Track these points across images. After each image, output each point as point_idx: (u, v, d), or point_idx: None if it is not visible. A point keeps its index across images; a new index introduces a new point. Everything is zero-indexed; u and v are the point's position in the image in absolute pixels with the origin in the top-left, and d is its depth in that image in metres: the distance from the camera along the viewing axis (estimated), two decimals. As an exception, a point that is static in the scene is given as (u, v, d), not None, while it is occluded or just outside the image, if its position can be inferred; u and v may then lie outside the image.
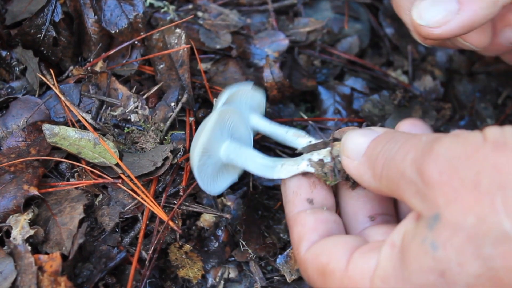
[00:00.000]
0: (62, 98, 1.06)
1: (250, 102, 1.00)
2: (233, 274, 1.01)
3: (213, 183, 0.94)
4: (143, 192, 0.97)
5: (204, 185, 0.91)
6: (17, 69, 1.11)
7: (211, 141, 0.88)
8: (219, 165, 0.93)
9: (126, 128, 1.07)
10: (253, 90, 0.99)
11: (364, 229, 0.77)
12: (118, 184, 0.98)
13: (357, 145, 0.71)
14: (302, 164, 0.80)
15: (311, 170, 0.79)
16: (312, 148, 0.82)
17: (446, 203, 0.56)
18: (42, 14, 1.09)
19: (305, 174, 0.81)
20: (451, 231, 0.55)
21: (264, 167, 0.85)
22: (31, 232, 0.89)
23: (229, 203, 1.04)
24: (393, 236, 0.63)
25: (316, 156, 0.80)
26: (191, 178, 1.02)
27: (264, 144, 1.12)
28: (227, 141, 0.90)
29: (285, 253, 0.99)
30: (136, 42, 1.16)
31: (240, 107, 0.96)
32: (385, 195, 0.70)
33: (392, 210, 0.81)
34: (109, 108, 1.10)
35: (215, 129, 0.88)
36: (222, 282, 0.99)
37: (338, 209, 0.83)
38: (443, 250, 0.55)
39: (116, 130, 1.07)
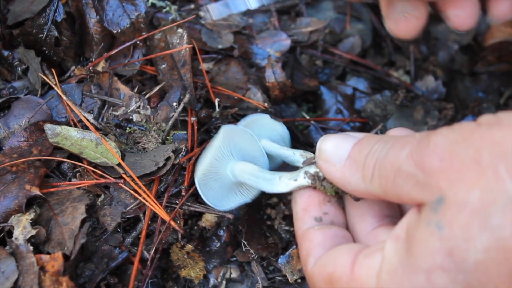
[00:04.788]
0: (64, 98, 1.06)
1: (269, 134, 1.00)
2: (235, 274, 1.01)
3: (220, 199, 0.94)
4: (145, 192, 0.97)
5: (206, 198, 0.92)
6: (19, 69, 1.11)
7: (217, 159, 0.89)
8: (228, 183, 0.93)
9: (128, 128, 1.07)
10: (272, 121, 1.00)
11: (372, 231, 0.76)
12: (120, 184, 0.98)
13: (337, 148, 0.70)
14: (300, 177, 0.80)
15: (308, 182, 0.79)
16: (310, 161, 0.82)
17: (449, 185, 0.55)
18: (44, 14, 1.09)
19: (314, 190, 0.80)
20: (456, 209, 0.54)
21: (263, 180, 0.85)
22: (33, 232, 0.89)
23: (231, 203, 1.04)
24: (396, 231, 0.62)
25: (313, 168, 0.79)
26: (193, 178, 1.02)
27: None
28: (234, 160, 0.91)
29: (287, 253, 0.99)
30: (138, 42, 1.16)
31: (259, 135, 0.97)
32: (374, 197, 0.68)
33: (397, 212, 0.79)
34: (111, 108, 1.10)
35: (222, 148, 0.89)
36: (224, 282, 0.99)
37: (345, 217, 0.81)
38: (449, 229, 0.54)
39: (118, 130, 1.07)
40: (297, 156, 0.89)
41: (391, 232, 0.63)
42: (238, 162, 0.90)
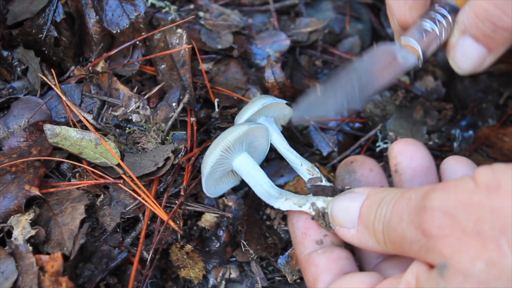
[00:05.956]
0: (64, 98, 1.06)
1: (276, 114, 1.02)
2: (234, 274, 1.01)
3: (216, 187, 0.97)
4: (144, 192, 0.97)
5: (207, 188, 0.93)
6: (19, 69, 1.11)
7: (229, 151, 0.90)
8: (227, 171, 0.95)
9: (127, 128, 1.07)
10: (284, 105, 1.02)
11: (378, 263, 0.78)
12: (119, 184, 0.98)
13: (347, 213, 0.72)
14: (305, 205, 0.81)
15: (312, 213, 0.80)
16: (319, 191, 0.82)
17: (452, 252, 0.57)
18: (43, 14, 1.09)
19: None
20: (461, 278, 0.56)
21: (269, 195, 0.87)
22: (32, 232, 0.89)
23: (230, 203, 1.04)
24: (407, 277, 0.64)
25: (321, 202, 0.79)
26: (193, 178, 1.02)
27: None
28: (244, 153, 0.92)
29: (287, 253, 0.99)
30: (137, 42, 1.16)
31: (268, 117, 0.99)
32: (392, 254, 0.71)
33: None
34: (111, 108, 1.10)
35: (237, 140, 0.89)
36: (224, 282, 0.99)
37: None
38: None
39: (117, 130, 1.07)
40: (303, 169, 0.90)
41: (403, 276, 0.64)
42: (251, 166, 0.91)
